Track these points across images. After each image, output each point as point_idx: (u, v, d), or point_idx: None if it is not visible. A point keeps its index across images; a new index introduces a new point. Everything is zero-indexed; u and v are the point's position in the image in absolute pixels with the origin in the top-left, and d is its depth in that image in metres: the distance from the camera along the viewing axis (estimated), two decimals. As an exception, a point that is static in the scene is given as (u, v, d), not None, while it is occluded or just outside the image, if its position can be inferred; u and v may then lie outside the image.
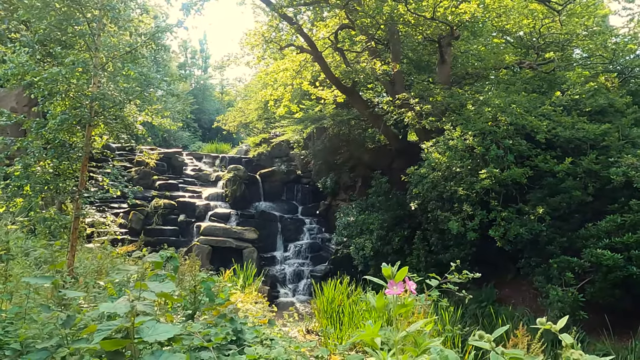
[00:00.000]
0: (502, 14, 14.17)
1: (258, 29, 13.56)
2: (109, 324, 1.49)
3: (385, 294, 1.67)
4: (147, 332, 1.49)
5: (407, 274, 3.83)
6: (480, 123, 10.91)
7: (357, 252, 16.27)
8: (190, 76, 44.73)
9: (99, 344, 1.50)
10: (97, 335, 1.46)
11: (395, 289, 1.60)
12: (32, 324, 2.69)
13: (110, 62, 6.25)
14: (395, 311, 1.61)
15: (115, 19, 5.87)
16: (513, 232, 10.24)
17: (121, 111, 6.02)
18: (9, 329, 2.70)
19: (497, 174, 10.15)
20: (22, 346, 2.03)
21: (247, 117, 24.66)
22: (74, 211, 6.09)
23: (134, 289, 1.94)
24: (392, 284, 1.64)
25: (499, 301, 13.29)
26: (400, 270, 1.64)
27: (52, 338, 1.88)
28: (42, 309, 2.06)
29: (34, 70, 5.77)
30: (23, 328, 2.31)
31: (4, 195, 5.77)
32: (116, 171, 6.27)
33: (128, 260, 8.34)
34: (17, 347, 2.02)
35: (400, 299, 1.66)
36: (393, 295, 1.65)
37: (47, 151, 5.84)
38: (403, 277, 1.62)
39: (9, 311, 2.89)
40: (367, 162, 19.27)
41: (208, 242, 17.58)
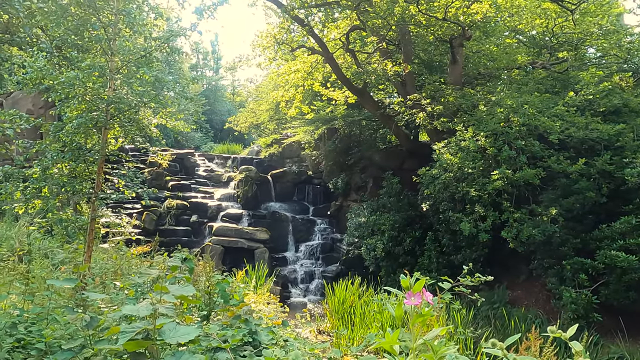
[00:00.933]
0: (515, 13, 14.08)
1: (269, 31, 13.64)
2: (132, 326, 1.55)
3: (404, 303, 1.70)
4: (168, 334, 1.54)
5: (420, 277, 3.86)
6: (492, 124, 10.86)
7: (368, 253, 16.28)
8: (202, 77, 45.04)
9: (122, 345, 1.56)
10: (121, 336, 1.52)
11: (413, 299, 1.64)
12: (54, 324, 2.77)
13: (125, 66, 6.35)
14: (412, 320, 1.65)
15: (130, 24, 5.96)
16: (526, 233, 10.18)
17: (136, 114, 6.12)
18: (32, 328, 2.78)
19: (510, 175, 10.11)
20: (47, 346, 2.10)
21: (258, 118, 24.79)
22: (90, 213, 6.21)
23: (155, 291, 2.00)
24: (410, 295, 1.68)
25: (511, 303, 13.21)
26: (418, 282, 1.68)
27: (76, 339, 1.95)
28: (67, 310, 2.13)
29: (51, 75, 5.89)
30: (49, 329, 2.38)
31: (22, 197, 5.90)
32: (131, 173, 6.37)
33: (144, 261, 8.46)
34: (42, 347, 2.10)
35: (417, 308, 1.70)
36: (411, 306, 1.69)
37: (64, 154, 5.96)
38: (420, 288, 1.65)
39: (31, 311, 2.97)
40: (378, 162, 19.26)
41: (220, 242, 17.71)
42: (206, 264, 5.16)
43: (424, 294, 1.66)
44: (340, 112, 17.10)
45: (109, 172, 6.48)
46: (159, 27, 7.78)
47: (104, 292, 5.64)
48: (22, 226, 8.69)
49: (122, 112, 6.06)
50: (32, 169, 5.98)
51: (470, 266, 3.85)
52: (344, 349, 10.62)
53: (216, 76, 47.09)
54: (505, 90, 12.96)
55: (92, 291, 3.06)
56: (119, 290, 4.95)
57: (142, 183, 6.53)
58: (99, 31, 5.74)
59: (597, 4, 14.75)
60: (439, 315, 3.71)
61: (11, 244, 7.86)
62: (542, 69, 13.82)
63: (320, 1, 12.82)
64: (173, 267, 3.26)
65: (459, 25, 12.37)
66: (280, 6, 12.69)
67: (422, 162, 17.28)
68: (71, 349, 1.88)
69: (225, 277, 3.79)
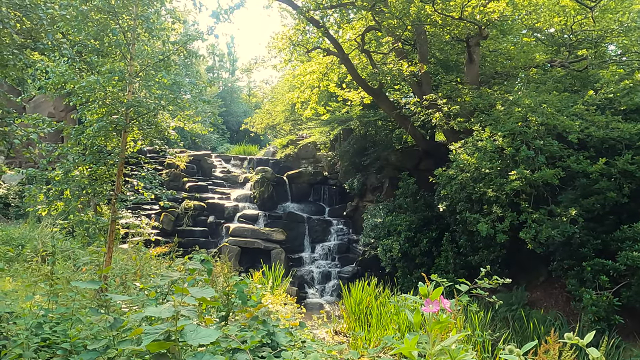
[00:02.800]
0: (532, 11, 13.89)
1: (285, 33, 13.71)
2: (156, 328, 1.60)
3: (422, 311, 1.72)
4: (190, 335, 1.58)
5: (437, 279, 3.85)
6: (510, 123, 10.74)
7: (384, 254, 16.23)
8: (218, 79, 45.43)
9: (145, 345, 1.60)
10: (145, 338, 1.56)
11: (431, 307, 1.65)
12: (77, 324, 2.84)
13: (144, 70, 6.46)
14: (431, 327, 1.66)
15: (149, 29, 6.06)
16: (545, 234, 10.04)
17: (155, 117, 6.22)
18: (57, 328, 2.86)
19: (528, 175, 9.98)
20: (72, 346, 2.17)
21: (274, 119, 24.92)
22: (110, 215, 6.33)
23: (175, 293, 2.05)
24: (428, 302, 1.69)
25: (530, 304, 13.05)
26: (436, 290, 1.69)
27: (101, 339, 2.01)
28: (91, 312, 2.20)
29: (73, 80, 6.03)
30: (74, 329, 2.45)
31: (45, 199, 6.05)
32: (150, 175, 6.48)
33: (163, 262, 8.58)
34: (67, 347, 2.16)
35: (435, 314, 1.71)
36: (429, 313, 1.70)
37: (85, 157, 6.09)
38: (438, 295, 1.66)
39: (56, 311, 3.06)
40: (394, 162, 19.20)
41: (237, 243, 17.86)
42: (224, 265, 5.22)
43: (442, 301, 1.67)
44: (355, 112, 17.10)
45: (128, 174, 6.59)
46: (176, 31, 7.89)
47: (125, 293, 5.75)
48: (44, 227, 8.90)
49: (141, 115, 6.17)
50: (55, 171, 6.12)
51: (487, 268, 3.83)
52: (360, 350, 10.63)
53: (232, 78, 47.44)
54: (523, 89, 12.79)
55: (113, 292, 3.12)
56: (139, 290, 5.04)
57: (160, 185, 6.63)
58: (119, 36, 5.85)
59: (618, 0, 14.48)
60: (457, 317, 3.71)
61: (34, 244, 8.04)
62: (560, 68, 13.61)
63: (336, 2, 12.83)
64: (192, 269, 3.33)
65: (475, 24, 12.27)
66: (295, 8, 12.74)
67: (439, 162, 17.16)
68: (96, 349, 1.94)
69: (243, 279, 3.84)
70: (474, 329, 10.37)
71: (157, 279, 6.36)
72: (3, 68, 5.02)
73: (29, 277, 6.96)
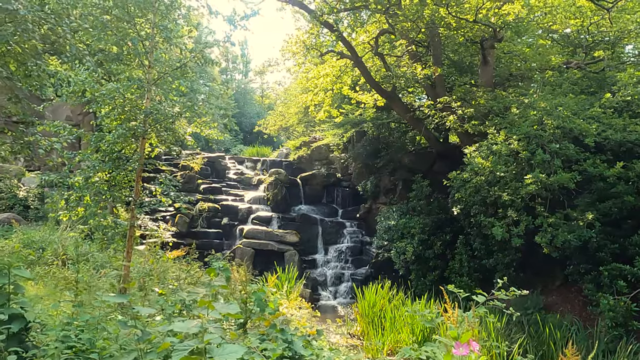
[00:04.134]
0: (548, 12, 13.75)
1: (299, 37, 13.78)
2: (185, 344, 1.65)
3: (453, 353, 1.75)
4: (217, 351, 1.63)
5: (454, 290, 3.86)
6: (525, 127, 10.67)
7: (398, 256, 16.21)
8: (232, 81, 45.75)
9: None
10: (175, 354, 1.62)
11: (461, 350, 1.68)
12: (102, 332, 2.92)
13: (162, 77, 6.56)
14: None
15: (168, 38, 6.16)
16: (561, 238, 9.96)
17: (173, 124, 6.32)
18: (82, 336, 2.95)
19: (544, 179, 9.91)
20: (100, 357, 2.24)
21: (287, 120, 25.01)
22: (129, 220, 6.44)
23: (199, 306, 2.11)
24: (458, 345, 1.72)
25: (545, 308, 12.92)
26: (465, 334, 1.71)
27: (130, 352, 2.08)
28: (121, 325, 2.27)
29: (93, 87, 6.15)
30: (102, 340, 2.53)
31: (66, 204, 6.18)
32: (168, 181, 6.59)
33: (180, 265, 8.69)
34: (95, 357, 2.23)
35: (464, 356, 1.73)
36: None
37: (105, 163, 6.21)
38: (467, 339, 1.69)
39: (81, 319, 3.14)
40: (407, 165, 19.16)
41: (251, 245, 17.97)
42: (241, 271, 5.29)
43: (471, 344, 1.70)
44: (369, 115, 17.11)
45: (146, 179, 6.71)
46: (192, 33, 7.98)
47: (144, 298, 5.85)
48: (63, 231, 9.07)
49: (159, 122, 6.27)
50: (75, 177, 6.25)
51: (502, 271, 3.83)
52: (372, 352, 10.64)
53: (245, 79, 47.71)
54: (539, 92, 12.68)
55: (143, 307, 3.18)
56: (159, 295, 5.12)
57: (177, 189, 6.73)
58: (138, 45, 5.96)
59: (635, 0, 14.28)
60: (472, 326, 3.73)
61: (54, 247, 8.21)
62: (576, 69, 13.47)
63: (350, 5, 12.86)
64: (209, 270, 3.39)
65: (490, 26, 12.20)
66: (309, 12, 12.80)
67: (452, 164, 17.08)
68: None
69: (261, 287, 3.89)
70: (489, 333, 10.33)
71: (176, 285, 6.46)
72: (26, 78, 5.16)
73: (50, 281, 7.10)
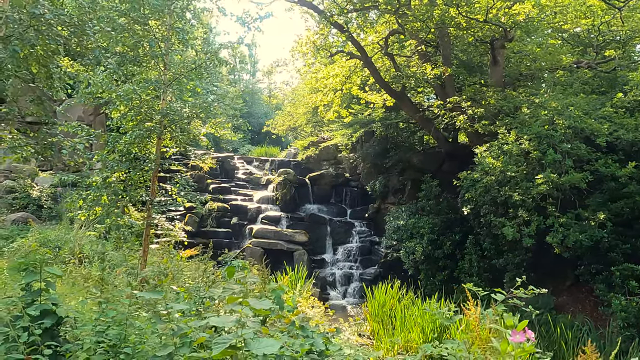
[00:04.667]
0: (558, 12, 13.70)
1: (309, 37, 13.83)
2: (224, 338, 1.72)
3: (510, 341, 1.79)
4: (254, 345, 1.69)
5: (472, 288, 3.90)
6: (536, 127, 10.66)
7: (407, 256, 16.23)
8: (239, 81, 45.91)
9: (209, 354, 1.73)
10: (215, 347, 1.68)
11: (517, 337, 1.74)
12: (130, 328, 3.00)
13: (177, 78, 6.65)
14: (516, 354, 1.75)
15: (183, 40, 6.25)
16: (572, 238, 9.95)
17: (188, 125, 6.41)
18: (109, 332, 3.03)
19: (555, 179, 9.90)
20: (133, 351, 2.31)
21: (295, 121, 25.09)
22: (146, 219, 6.53)
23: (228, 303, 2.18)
24: (515, 333, 1.77)
25: (556, 308, 12.89)
26: (521, 322, 1.77)
27: (167, 346, 2.15)
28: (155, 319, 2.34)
29: (110, 89, 6.25)
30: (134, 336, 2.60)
31: (84, 204, 6.29)
32: (183, 181, 6.68)
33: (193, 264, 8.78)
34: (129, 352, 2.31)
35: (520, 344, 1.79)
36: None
37: (122, 163, 6.31)
38: (524, 327, 1.74)
39: (108, 314, 3.23)
40: (416, 165, 19.16)
41: (260, 244, 18.06)
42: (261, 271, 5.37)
43: (527, 332, 1.75)
44: (378, 115, 17.13)
45: (160, 179, 6.80)
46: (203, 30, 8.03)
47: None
48: (79, 230, 9.20)
49: (174, 123, 6.36)
50: (93, 177, 6.36)
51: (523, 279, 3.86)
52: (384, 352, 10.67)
53: (253, 80, 47.85)
54: (549, 91, 12.65)
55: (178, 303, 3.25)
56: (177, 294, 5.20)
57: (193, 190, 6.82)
58: (155, 47, 6.05)
59: (647, -1, 14.19)
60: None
61: (70, 247, 8.33)
62: (587, 69, 13.43)
63: (359, 6, 12.90)
64: (229, 271, 3.46)
65: (500, 26, 12.20)
66: (319, 12, 12.85)
67: (461, 164, 17.06)
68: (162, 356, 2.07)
69: (280, 285, 3.96)
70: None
71: (192, 283, 6.54)
72: (49, 79, 5.26)
73: (67, 278, 7.21)
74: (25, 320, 2.76)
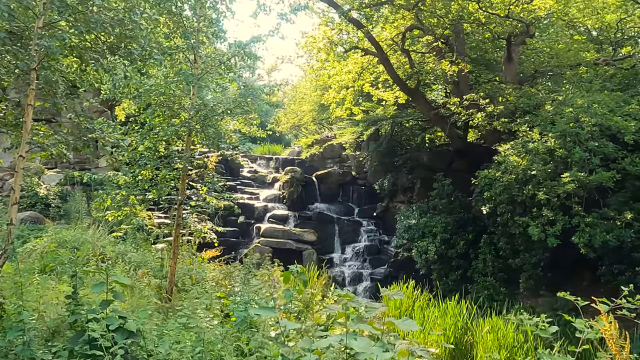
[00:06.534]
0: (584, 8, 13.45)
1: (326, 33, 13.53)
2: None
3: None
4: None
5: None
6: (562, 124, 10.46)
7: (419, 256, 16.02)
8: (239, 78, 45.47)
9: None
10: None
11: None
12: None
13: (208, 72, 6.36)
14: None
15: (216, 33, 5.96)
16: (599, 238, 9.77)
17: (221, 120, 6.12)
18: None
19: (582, 178, 9.70)
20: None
21: (300, 119, 24.83)
22: (175, 220, 6.24)
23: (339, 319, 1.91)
24: None
25: (575, 309, 12.71)
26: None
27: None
28: (275, 343, 2.08)
29: (138, 83, 5.94)
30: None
31: (114, 204, 5.99)
32: (215, 180, 6.39)
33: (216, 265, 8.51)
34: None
35: None
36: None
37: (152, 161, 6.01)
38: None
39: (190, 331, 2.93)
40: (425, 163, 18.95)
41: (268, 243, 17.76)
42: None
43: None
44: (390, 112, 16.88)
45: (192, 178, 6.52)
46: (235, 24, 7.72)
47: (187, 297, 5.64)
48: (96, 230, 8.89)
49: (207, 118, 6.07)
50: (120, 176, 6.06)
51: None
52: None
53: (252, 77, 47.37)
54: (572, 89, 12.45)
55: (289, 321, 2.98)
56: (219, 301, 4.93)
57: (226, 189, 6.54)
58: (189, 40, 5.75)
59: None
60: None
61: (88, 247, 8.02)
62: (605, 66, 13.24)
63: (376, 1, 12.63)
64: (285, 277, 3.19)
65: (521, 22, 11.97)
66: (336, 7, 12.58)
67: (472, 162, 16.85)
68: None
69: (347, 293, 3.70)
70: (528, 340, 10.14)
71: (229, 287, 6.26)
72: (81, 72, 4.95)
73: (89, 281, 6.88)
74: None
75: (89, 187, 13.87)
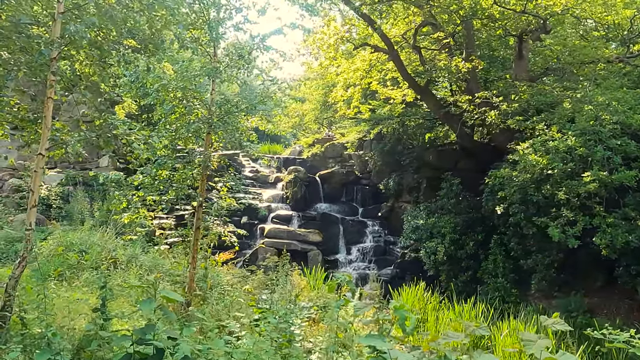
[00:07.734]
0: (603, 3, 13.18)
1: (337, 29, 13.20)
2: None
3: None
4: None
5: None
6: (582, 122, 10.20)
7: (428, 257, 15.74)
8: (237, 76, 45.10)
9: None
10: None
11: None
12: None
13: (227, 67, 6.02)
14: None
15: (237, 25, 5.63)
16: (621, 239, 9.52)
17: (244, 117, 5.80)
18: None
19: (604, 177, 9.44)
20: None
21: (302, 118, 24.50)
22: (195, 221, 5.91)
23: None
24: None
25: (589, 311, 12.47)
26: None
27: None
28: None
29: (155, 77, 5.59)
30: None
31: (131, 206, 5.65)
32: (237, 180, 6.06)
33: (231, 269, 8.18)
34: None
35: None
36: None
37: (171, 160, 5.67)
38: None
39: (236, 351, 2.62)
40: (431, 162, 18.66)
41: (273, 244, 17.40)
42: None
43: None
44: (397, 111, 16.58)
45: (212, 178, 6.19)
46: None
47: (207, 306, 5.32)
48: (104, 232, 8.53)
49: (228, 114, 5.74)
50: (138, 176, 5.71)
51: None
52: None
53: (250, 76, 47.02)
54: (590, 86, 12.19)
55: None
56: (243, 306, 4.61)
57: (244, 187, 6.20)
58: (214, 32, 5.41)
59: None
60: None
61: (98, 251, 7.66)
62: (620, 63, 13.00)
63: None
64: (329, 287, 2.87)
65: (537, 17, 11.70)
66: (347, 3, 12.25)
67: (478, 162, 16.58)
68: None
69: (402, 304, 3.39)
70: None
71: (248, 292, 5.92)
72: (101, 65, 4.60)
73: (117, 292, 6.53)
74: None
75: (91, 188, 13.47)
